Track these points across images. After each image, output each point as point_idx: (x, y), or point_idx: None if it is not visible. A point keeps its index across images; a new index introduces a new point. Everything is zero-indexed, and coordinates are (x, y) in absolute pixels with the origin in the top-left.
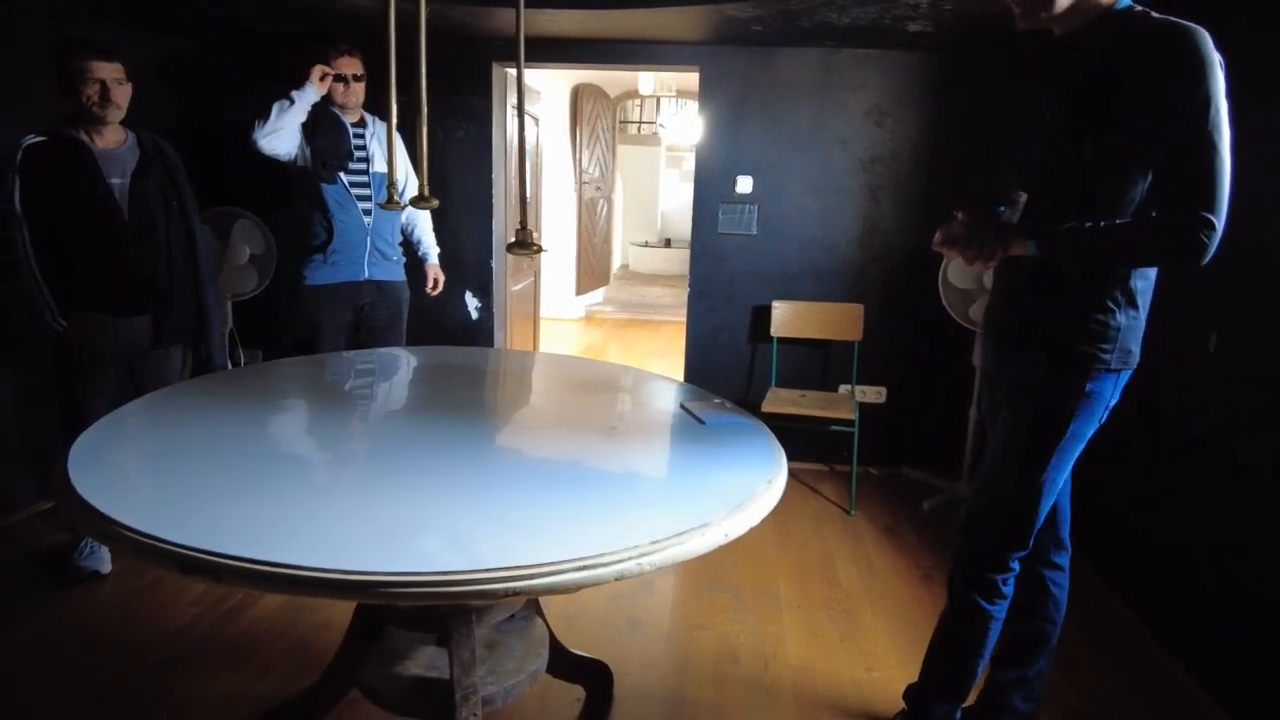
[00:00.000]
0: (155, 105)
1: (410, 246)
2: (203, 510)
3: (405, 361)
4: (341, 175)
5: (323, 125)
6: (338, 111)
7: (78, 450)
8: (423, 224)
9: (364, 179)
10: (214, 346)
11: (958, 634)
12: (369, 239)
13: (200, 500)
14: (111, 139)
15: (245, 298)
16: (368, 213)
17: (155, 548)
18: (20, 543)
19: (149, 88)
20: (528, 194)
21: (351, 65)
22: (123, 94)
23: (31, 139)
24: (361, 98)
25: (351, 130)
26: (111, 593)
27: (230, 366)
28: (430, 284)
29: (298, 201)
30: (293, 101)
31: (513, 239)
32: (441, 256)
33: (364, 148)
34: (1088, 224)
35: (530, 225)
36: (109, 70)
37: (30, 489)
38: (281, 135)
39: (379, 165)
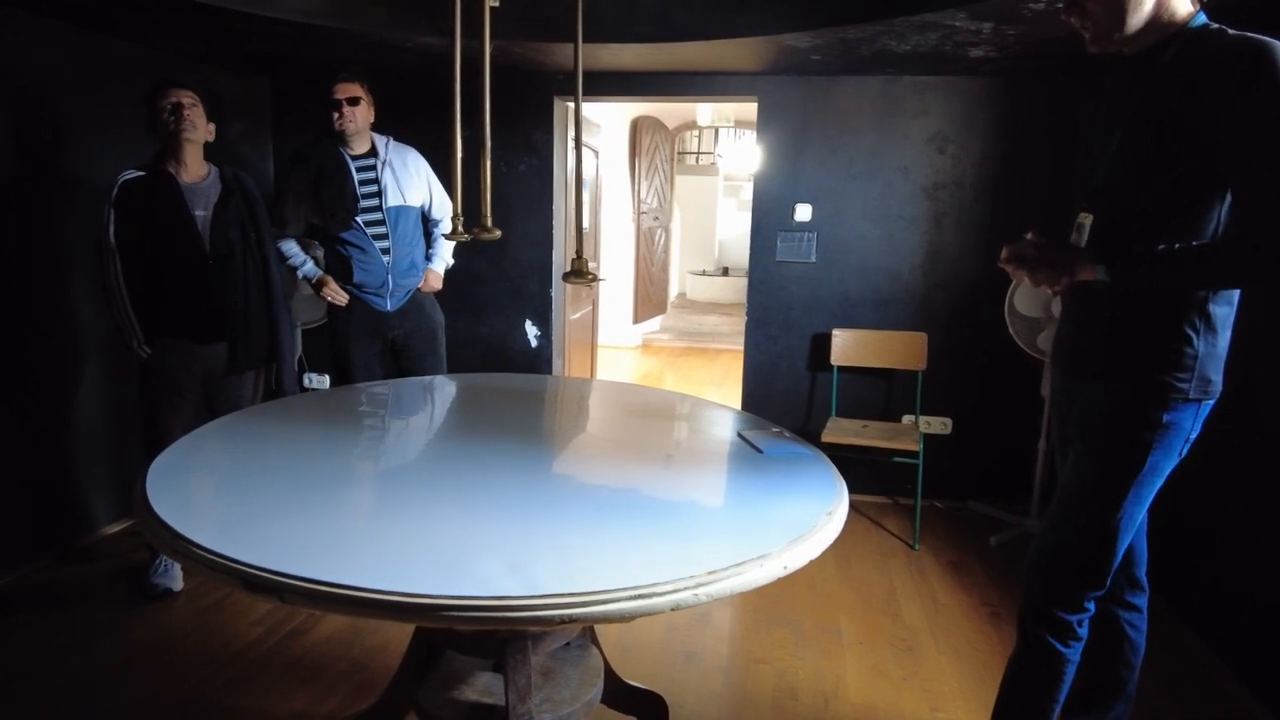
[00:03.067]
0: (234, 141)
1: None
2: (270, 530)
3: (466, 388)
4: (357, 219)
5: (325, 174)
6: (343, 150)
7: (155, 470)
8: (443, 239)
9: (378, 216)
10: (285, 372)
11: (1030, 678)
12: (389, 276)
13: (268, 521)
14: (196, 173)
15: (312, 326)
16: (386, 251)
17: (223, 565)
18: (104, 559)
19: (228, 125)
20: (585, 224)
21: (345, 90)
22: (196, 115)
23: (127, 175)
24: (360, 122)
25: (357, 165)
26: (182, 610)
27: (299, 391)
28: (422, 282)
29: (323, 241)
30: (302, 276)
31: (582, 268)
32: (502, 287)
33: (375, 181)
34: (1160, 247)
35: (588, 255)
36: (181, 94)
37: (115, 507)
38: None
39: (392, 199)
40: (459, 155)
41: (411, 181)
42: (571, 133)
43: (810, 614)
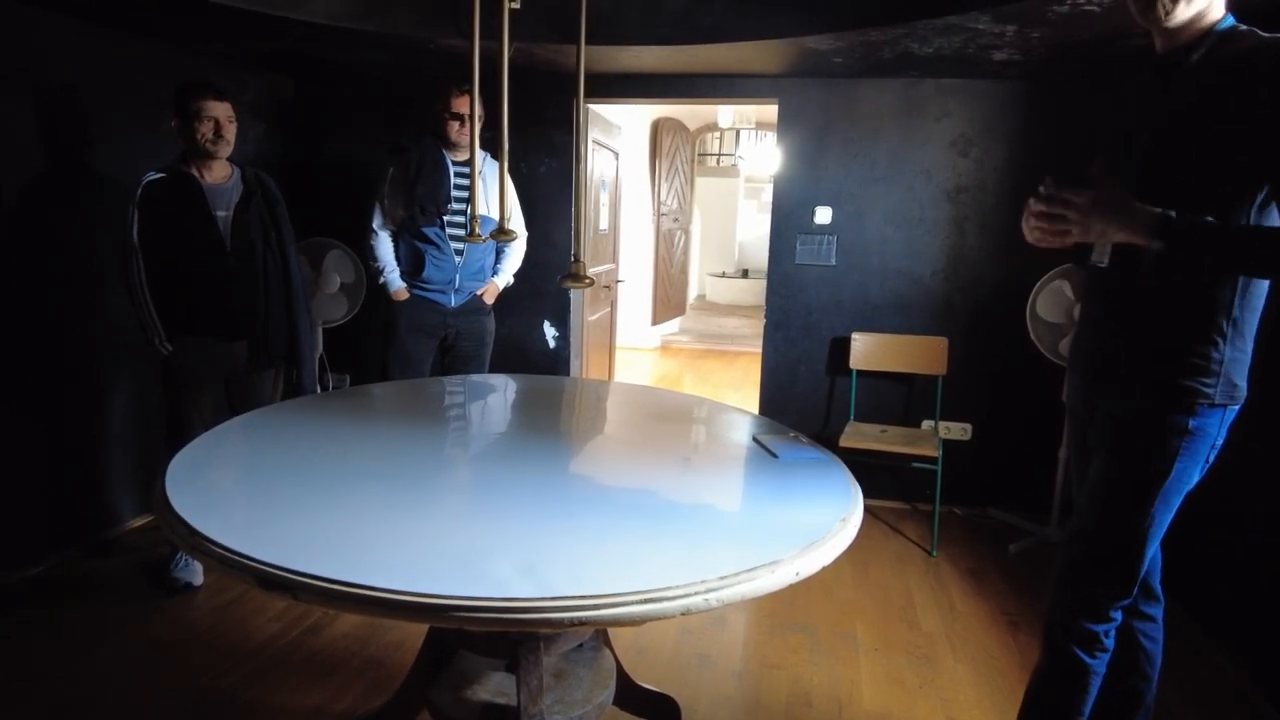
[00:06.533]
0: (257, 141)
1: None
2: (285, 528)
3: (483, 388)
4: (443, 217)
5: (424, 171)
6: (445, 153)
7: (175, 467)
8: (513, 255)
9: (462, 220)
10: (305, 371)
11: (1057, 691)
12: (458, 275)
13: (284, 518)
14: (219, 174)
15: (335, 324)
16: (460, 252)
17: (239, 562)
18: (125, 553)
19: (252, 125)
20: (604, 225)
21: (468, 105)
22: (232, 131)
23: (151, 176)
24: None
25: (455, 170)
26: (203, 605)
27: (319, 390)
28: (482, 292)
29: (402, 232)
30: (383, 281)
31: (579, 271)
32: (522, 288)
33: (467, 188)
34: (1219, 226)
35: (607, 257)
36: (221, 109)
37: (137, 502)
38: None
39: (479, 208)
40: (478, 156)
41: (496, 194)
42: (592, 135)
43: (826, 620)
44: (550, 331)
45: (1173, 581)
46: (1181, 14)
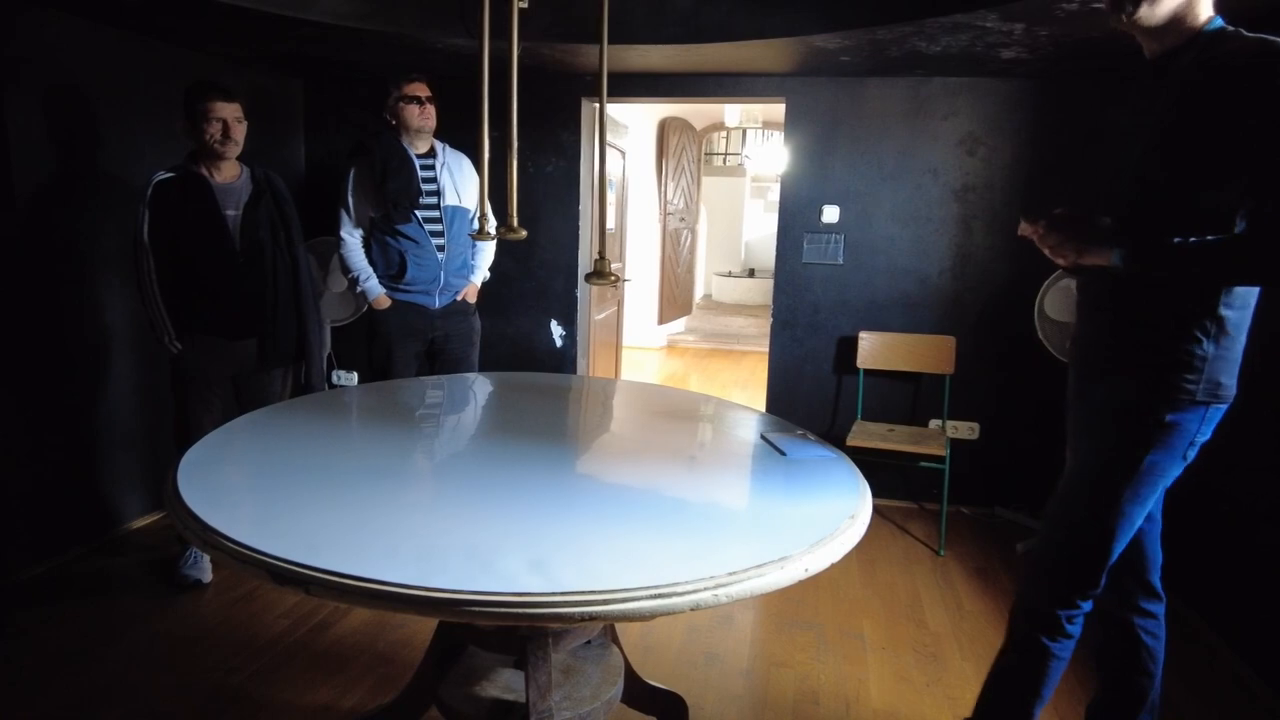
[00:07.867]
0: (264, 141)
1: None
2: (297, 524)
3: (491, 386)
4: (415, 212)
5: (392, 167)
6: (407, 145)
7: (186, 464)
8: (485, 251)
9: (435, 213)
10: (313, 369)
11: (1016, 672)
12: (442, 273)
13: (295, 514)
14: (229, 173)
15: (342, 323)
16: (441, 248)
17: (252, 557)
18: (134, 551)
19: (261, 124)
20: (611, 225)
21: (424, 89)
22: (240, 131)
23: (161, 175)
24: (434, 121)
25: (420, 163)
26: (211, 602)
27: (327, 388)
28: (460, 296)
29: (375, 234)
30: (361, 290)
31: (604, 269)
32: (529, 287)
33: (434, 180)
34: (1177, 240)
35: (614, 255)
36: (230, 110)
37: (146, 500)
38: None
39: (449, 198)
40: (487, 156)
41: (466, 186)
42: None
43: (833, 618)
44: (557, 330)
45: (1170, 570)
46: (1146, 16)
